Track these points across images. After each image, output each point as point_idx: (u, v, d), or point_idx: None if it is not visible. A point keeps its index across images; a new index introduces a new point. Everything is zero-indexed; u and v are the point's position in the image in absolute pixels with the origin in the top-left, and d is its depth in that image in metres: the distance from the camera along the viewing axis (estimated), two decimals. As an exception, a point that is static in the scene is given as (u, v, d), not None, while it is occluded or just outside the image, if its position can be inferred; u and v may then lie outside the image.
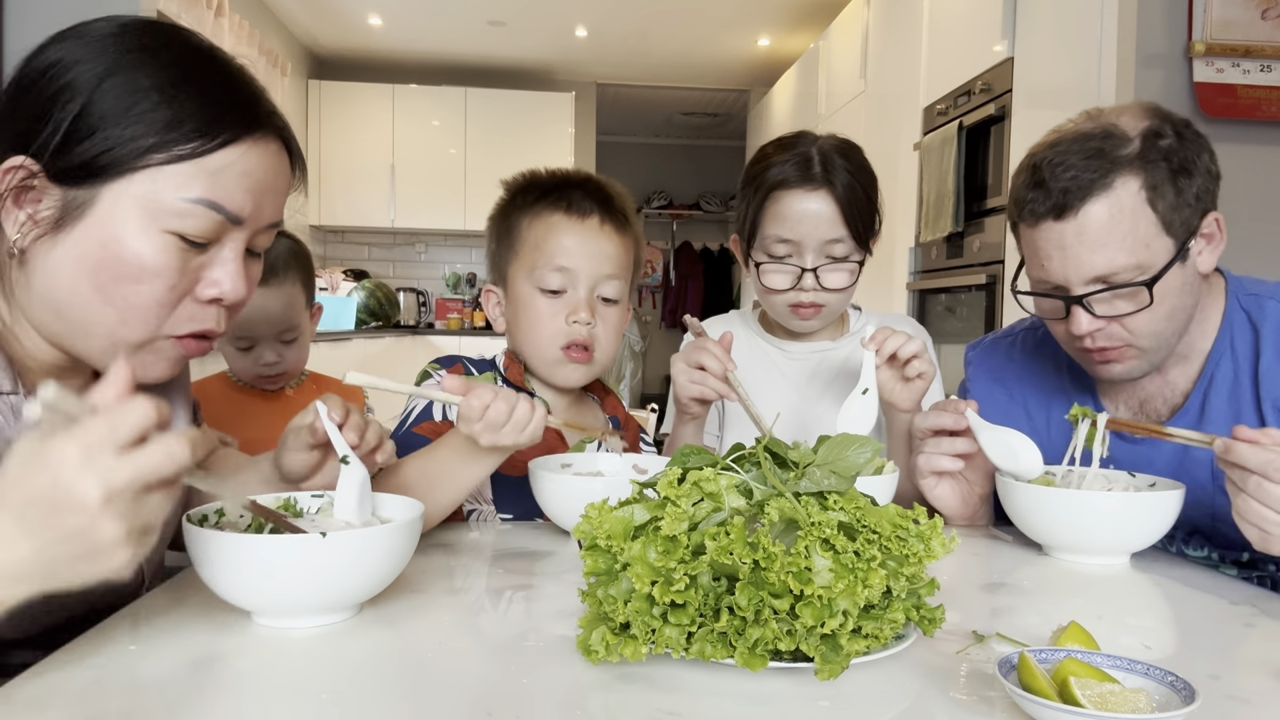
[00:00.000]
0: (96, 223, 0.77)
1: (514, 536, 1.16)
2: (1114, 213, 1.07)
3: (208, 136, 0.78)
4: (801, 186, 1.36)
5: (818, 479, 0.72)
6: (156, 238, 0.78)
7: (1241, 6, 2.37)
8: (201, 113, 0.78)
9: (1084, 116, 1.14)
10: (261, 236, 0.86)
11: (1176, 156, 1.08)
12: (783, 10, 5.58)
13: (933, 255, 3.59)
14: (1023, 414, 1.33)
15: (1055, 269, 1.11)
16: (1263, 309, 1.17)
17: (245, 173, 0.81)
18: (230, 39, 4.44)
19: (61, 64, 0.77)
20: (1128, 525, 1.04)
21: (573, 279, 1.25)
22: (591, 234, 1.26)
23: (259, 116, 0.83)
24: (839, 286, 1.39)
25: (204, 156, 0.78)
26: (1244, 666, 0.74)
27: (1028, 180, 1.12)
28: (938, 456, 1.17)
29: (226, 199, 0.80)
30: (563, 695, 0.66)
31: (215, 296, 0.83)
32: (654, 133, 8.77)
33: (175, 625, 0.78)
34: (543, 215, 1.27)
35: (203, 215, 0.79)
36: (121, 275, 0.78)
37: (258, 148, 0.82)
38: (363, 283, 5.93)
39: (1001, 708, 0.64)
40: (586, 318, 1.24)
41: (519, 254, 1.28)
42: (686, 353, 1.30)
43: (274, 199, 0.85)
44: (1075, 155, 1.08)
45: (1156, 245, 1.08)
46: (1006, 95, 3.02)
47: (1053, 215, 1.09)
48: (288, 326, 1.71)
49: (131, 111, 0.76)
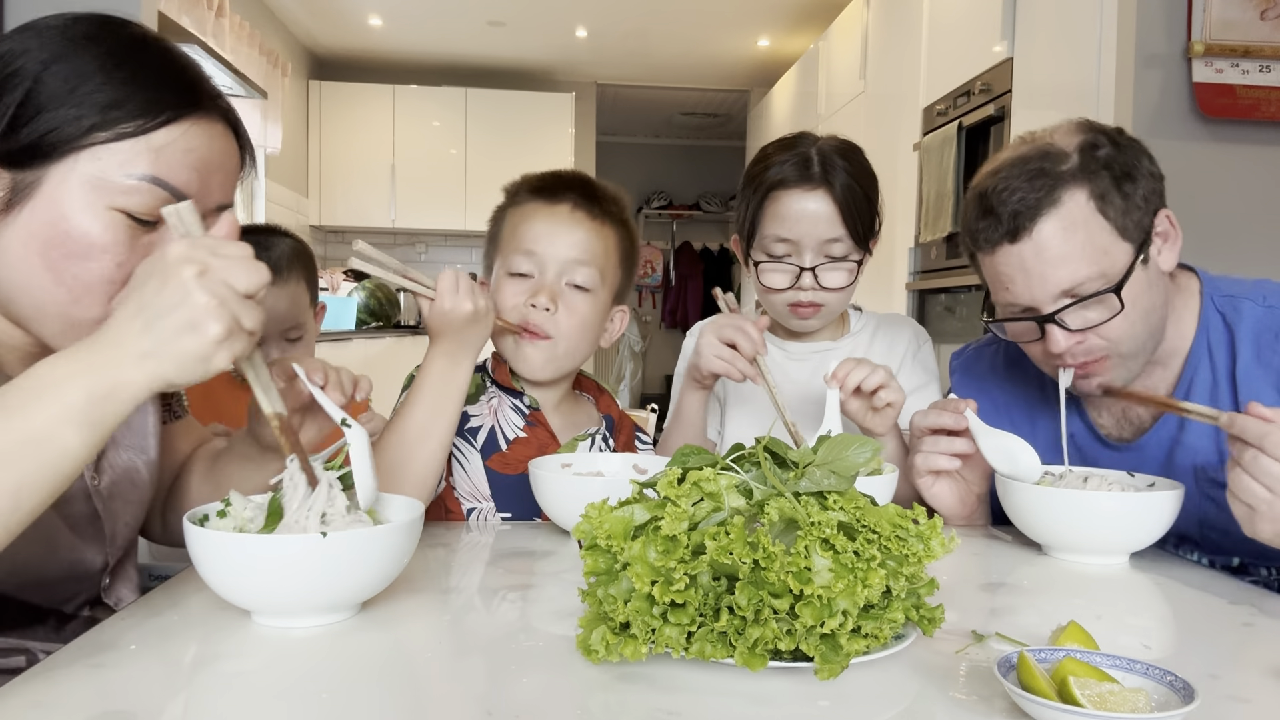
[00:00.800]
0: (44, 202, 0.78)
1: (514, 536, 1.16)
2: (1066, 226, 1.07)
3: (150, 115, 0.80)
4: (800, 186, 1.36)
5: (817, 479, 0.72)
6: (103, 215, 0.79)
7: (1241, 7, 2.37)
8: (143, 92, 0.80)
9: (1019, 141, 1.16)
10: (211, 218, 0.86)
11: (1116, 164, 1.09)
12: (783, 10, 5.58)
13: (932, 255, 3.59)
14: (1007, 423, 1.30)
15: (1020, 291, 1.11)
16: (1238, 310, 1.16)
17: (188, 149, 0.82)
18: (231, 39, 4.43)
19: (10, 54, 0.79)
20: (1127, 525, 1.04)
21: (540, 263, 1.25)
22: (561, 219, 1.26)
23: (200, 96, 0.84)
24: (838, 286, 1.39)
25: (147, 134, 0.79)
26: (1243, 666, 0.74)
27: (976, 210, 1.13)
28: (935, 455, 1.17)
29: (170, 175, 0.81)
30: (562, 695, 0.66)
31: None
32: (654, 133, 8.77)
33: (175, 625, 0.78)
34: (520, 206, 1.29)
35: (148, 192, 0.80)
36: (70, 253, 0.79)
37: (200, 126, 0.83)
38: (363, 283, 5.92)
39: (1001, 707, 0.64)
40: (545, 302, 1.24)
41: (500, 245, 1.30)
42: (719, 326, 1.29)
43: (221, 179, 0.86)
44: (1018, 178, 1.09)
45: (1115, 251, 1.08)
46: (1006, 95, 3.02)
47: (1008, 239, 1.09)
48: (293, 324, 1.72)
49: (75, 93, 0.78)
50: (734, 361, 1.27)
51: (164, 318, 0.68)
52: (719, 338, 1.28)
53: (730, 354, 1.27)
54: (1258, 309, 1.15)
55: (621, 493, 0.79)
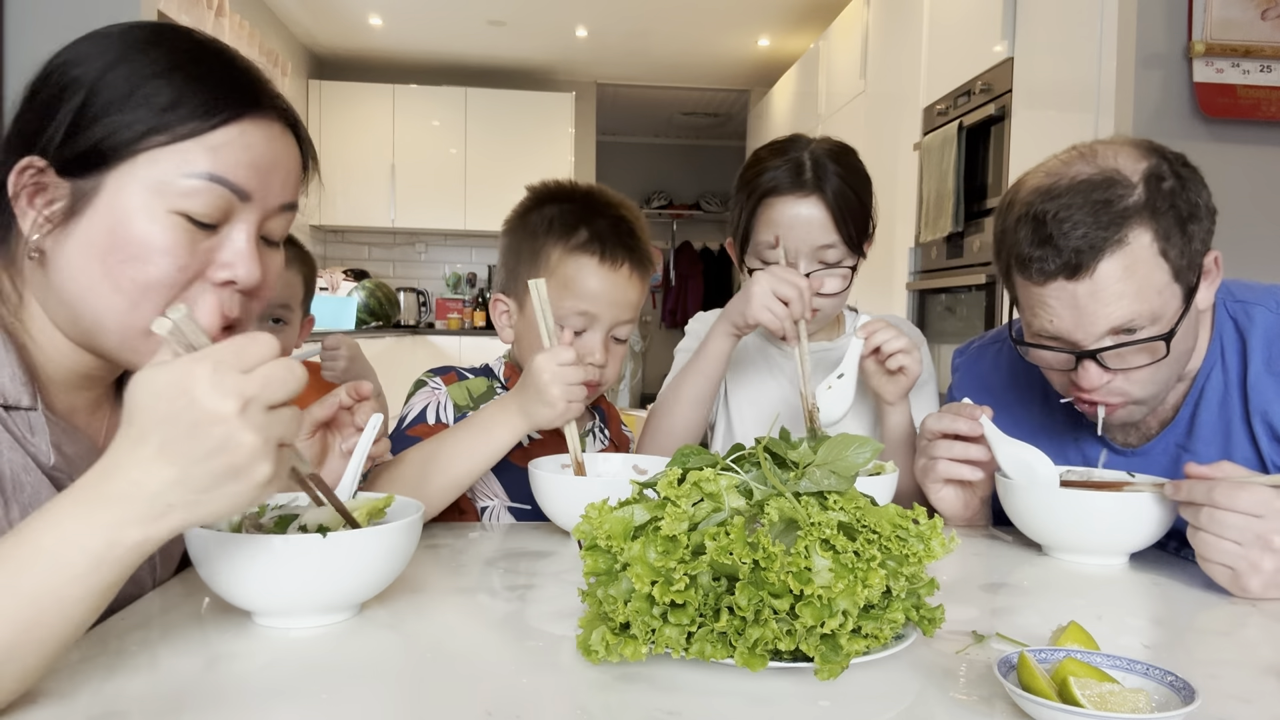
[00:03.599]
0: (103, 209, 0.77)
1: (514, 536, 1.16)
2: (1128, 266, 1.03)
3: (207, 116, 0.78)
4: (793, 192, 1.35)
5: (817, 479, 0.72)
6: (162, 218, 0.77)
7: (1241, 6, 2.37)
8: (200, 94, 0.79)
9: (1075, 155, 1.09)
10: (275, 221, 0.85)
11: (1182, 200, 1.04)
12: (783, 10, 5.58)
13: (932, 255, 3.59)
14: (1009, 422, 1.29)
15: (1065, 327, 1.07)
16: (1250, 317, 1.14)
17: (247, 147, 0.81)
18: (230, 39, 4.44)
19: (68, 63, 0.79)
20: (1127, 525, 1.04)
21: (593, 321, 1.25)
22: (620, 283, 1.26)
23: (259, 98, 0.83)
24: (832, 291, 1.40)
25: (204, 135, 0.78)
26: (1243, 666, 0.74)
27: (1032, 237, 1.06)
28: (956, 465, 1.15)
29: (230, 173, 0.79)
30: (563, 695, 0.66)
31: (228, 279, 0.81)
32: (654, 133, 8.76)
33: (176, 625, 0.78)
34: (575, 255, 1.25)
35: (207, 190, 0.78)
36: (129, 257, 0.77)
37: (259, 125, 0.82)
38: (363, 283, 5.93)
39: (1001, 708, 0.64)
40: (601, 360, 1.25)
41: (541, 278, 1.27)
42: (777, 278, 1.27)
43: (282, 178, 0.84)
44: (1081, 210, 1.03)
45: (1168, 294, 1.05)
46: (1006, 95, 3.02)
47: (1064, 275, 1.04)
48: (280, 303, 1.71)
49: (132, 97, 0.77)
50: (784, 317, 1.26)
51: (201, 465, 0.60)
52: (774, 291, 1.26)
53: (783, 311, 1.26)
54: (1270, 315, 1.13)
55: (621, 493, 0.79)
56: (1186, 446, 1.17)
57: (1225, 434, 1.14)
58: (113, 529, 0.60)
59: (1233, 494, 0.90)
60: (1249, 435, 1.12)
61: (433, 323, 6.71)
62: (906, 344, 1.25)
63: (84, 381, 0.87)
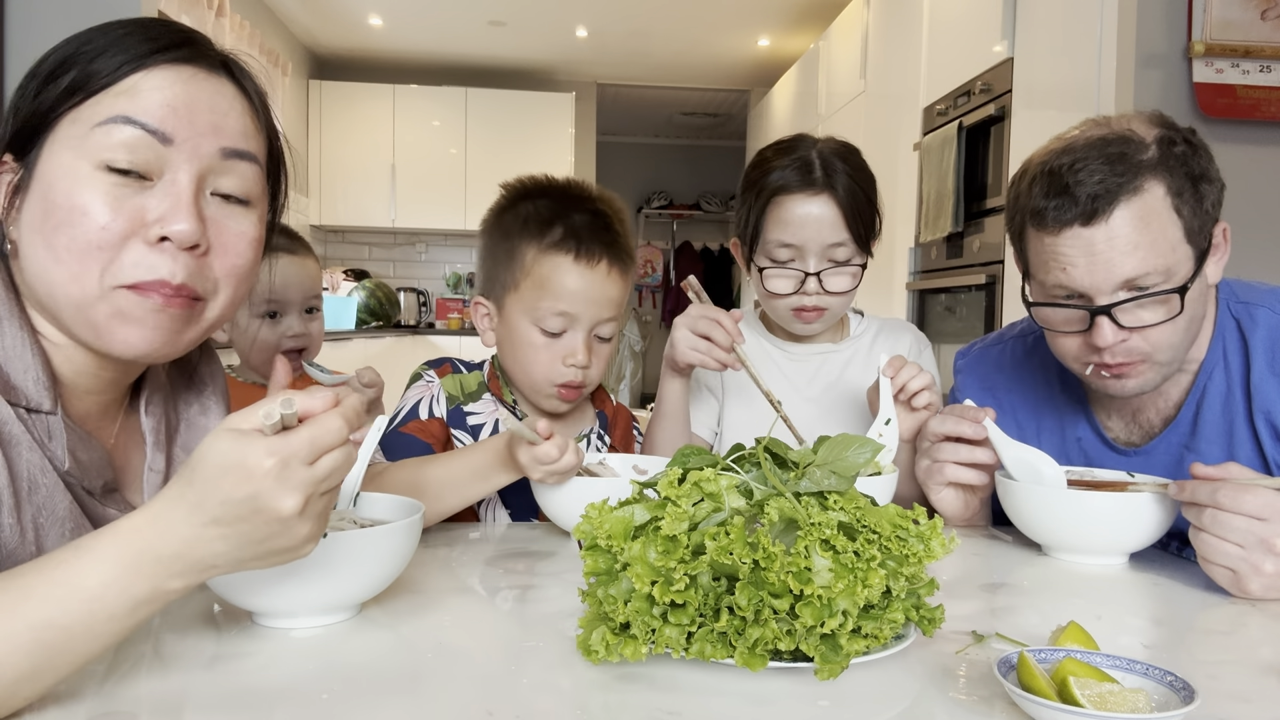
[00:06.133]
0: (39, 182, 0.77)
1: (514, 536, 1.16)
2: (1143, 215, 1.04)
3: (119, 70, 0.77)
4: (803, 191, 1.36)
5: (818, 479, 0.72)
6: (85, 176, 0.76)
7: (1241, 7, 2.37)
8: (116, 54, 0.78)
9: (1090, 124, 1.12)
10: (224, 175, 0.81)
11: (1194, 163, 1.07)
12: (783, 10, 5.58)
13: (932, 255, 3.59)
14: (1012, 424, 1.31)
15: (1080, 276, 1.07)
16: (1253, 318, 1.15)
17: (161, 88, 0.78)
18: (230, 39, 4.44)
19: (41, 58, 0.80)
20: (1126, 525, 1.04)
21: (573, 321, 1.24)
22: (599, 281, 1.24)
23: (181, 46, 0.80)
24: (842, 290, 1.40)
25: (115, 84, 0.77)
26: (1243, 666, 0.74)
27: (1045, 188, 1.08)
28: (960, 469, 1.15)
29: (141, 114, 0.77)
30: (563, 695, 0.66)
31: (161, 235, 0.76)
32: (654, 133, 8.76)
33: (177, 626, 0.78)
34: (549, 254, 1.23)
35: (118, 133, 0.76)
36: (59, 223, 0.76)
37: (175, 69, 0.79)
38: (363, 282, 5.93)
39: (1001, 707, 0.64)
40: (584, 360, 1.24)
41: (519, 286, 1.25)
42: (692, 319, 1.29)
43: (214, 121, 0.80)
44: (1097, 160, 1.05)
45: (1180, 251, 1.06)
46: (1006, 95, 3.02)
47: (1080, 221, 1.05)
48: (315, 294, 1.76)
49: (63, 66, 0.78)
50: (710, 353, 1.27)
51: (254, 546, 0.63)
52: (692, 330, 1.28)
53: (705, 345, 1.27)
54: (1274, 316, 1.13)
55: (621, 493, 0.79)
56: (1190, 446, 1.17)
57: (1229, 434, 1.14)
58: (158, 580, 0.61)
59: (1237, 496, 0.90)
60: (1252, 435, 1.12)
61: (433, 323, 6.71)
62: (928, 380, 1.25)
63: (96, 384, 0.85)
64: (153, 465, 0.91)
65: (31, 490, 0.76)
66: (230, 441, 0.60)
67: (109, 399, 0.89)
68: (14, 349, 0.78)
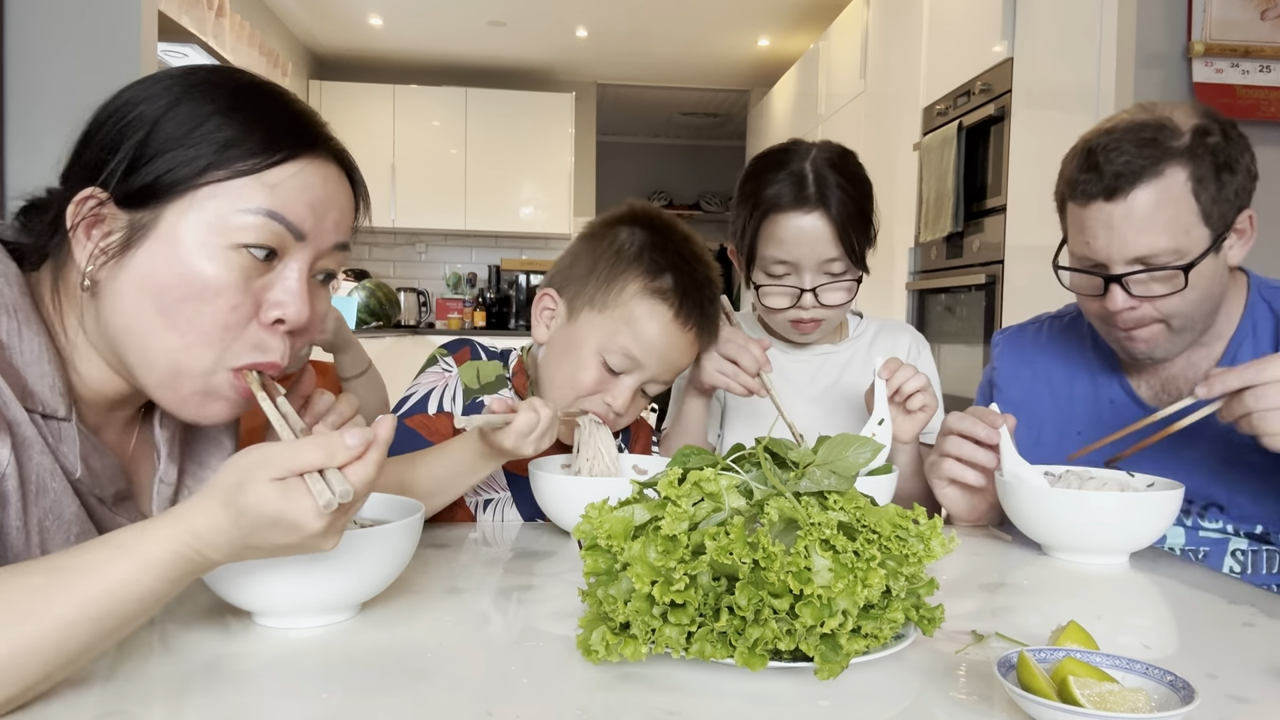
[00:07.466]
0: (160, 243, 0.77)
1: (514, 536, 1.16)
2: (1161, 198, 1.12)
3: (265, 153, 0.79)
4: (796, 209, 1.34)
5: (818, 479, 0.72)
6: (219, 254, 0.77)
7: (1241, 7, 2.37)
8: (259, 132, 0.79)
9: (1138, 109, 1.19)
10: (327, 259, 0.85)
11: (1222, 153, 1.13)
12: (783, 10, 5.58)
13: (932, 255, 3.59)
14: (1046, 390, 1.37)
15: (1099, 247, 1.15)
16: None
17: (304, 187, 0.81)
18: (231, 39, 4.43)
19: (130, 102, 0.79)
20: (1126, 525, 1.04)
21: (635, 368, 1.21)
22: (682, 345, 1.22)
23: (315, 138, 0.83)
24: (837, 303, 1.40)
25: (262, 172, 0.79)
26: (1243, 666, 0.74)
27: (1081, 163, 1.17)
28: (960, 466, 1.17)
29: (286, 210, 0.79)
30: (563, 695, 0.66)
31: (278, 318, 0.81)
32: (654, 133, 8.76)
33: (177, 626, 0.78)
34: (651, 298, 1.20)
35: (263, 227, 0.78)
36: (185, 295, 0.77)
37: (315, 165, 0.82)
38: (363, 283, 5.93)
39: (1001, 707, 0.64)
40: (621, 408, 1.21)
41: (606, 309, 1.21)
42: (721, 341, 1.29)
43: (336, 218, 0.85)
44: (1129, 142, 1.13)
45: (1195, 233, 1.13)
46: (1006, 95, 3.02)
47: (1103, 196, 1.14)
48: None
49: (193, 134, 0.78)
50: (736, 377, 1.27)
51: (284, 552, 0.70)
52: (720, 353, 1.28)
53: (732, 369, 1.27)
54: None
55: (621, 493, 0.79)
56: None
57: None
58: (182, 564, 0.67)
59: (1263, 366, 0.98)
60: None
61: (433, 323, 6.71)
62: (924, 382, 1.25)
63: (117, 404, 0.87)
64: (164, 477, 0.92)
65: (40, 493, 0.77)
66: (279, 499, 0.66)
67: (127, 414, 0.90)
68: (32, 356, 0.78)
